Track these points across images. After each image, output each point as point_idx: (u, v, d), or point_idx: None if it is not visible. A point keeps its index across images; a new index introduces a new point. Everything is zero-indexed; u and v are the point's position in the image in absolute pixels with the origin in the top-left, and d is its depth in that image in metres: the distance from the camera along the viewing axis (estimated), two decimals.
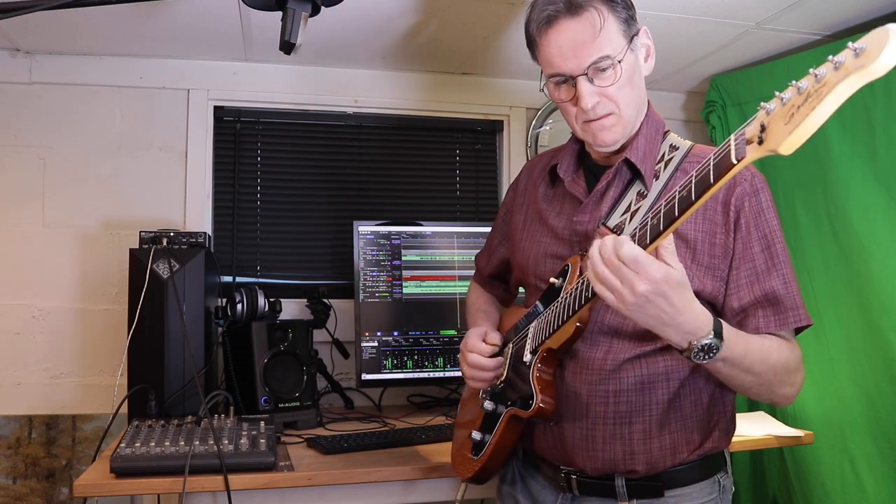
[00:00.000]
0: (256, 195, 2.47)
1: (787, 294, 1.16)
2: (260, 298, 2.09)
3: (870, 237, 1.96)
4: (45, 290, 2.24)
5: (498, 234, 1.57)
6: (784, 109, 0.77)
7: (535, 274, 1.34)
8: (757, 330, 1.15)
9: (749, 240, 1.17)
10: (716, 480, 1.26)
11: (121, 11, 1.92)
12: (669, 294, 0.96)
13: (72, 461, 2.22)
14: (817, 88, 0.73)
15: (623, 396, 1.20)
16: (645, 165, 1.22)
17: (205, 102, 2.37)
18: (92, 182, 2.29)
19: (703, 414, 1.23)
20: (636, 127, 1.26)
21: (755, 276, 1.16)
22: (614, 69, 1.18)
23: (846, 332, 2.03)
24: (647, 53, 1.27)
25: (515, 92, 2.58)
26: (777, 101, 0.78)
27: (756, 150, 0.80)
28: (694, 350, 1.00)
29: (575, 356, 1.23)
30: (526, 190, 1.48)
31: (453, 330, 2.25)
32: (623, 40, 1.19)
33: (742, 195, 1.18)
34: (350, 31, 2.14)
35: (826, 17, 2.03)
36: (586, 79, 1.19)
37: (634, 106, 1.24)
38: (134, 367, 1.87)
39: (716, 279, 1.18)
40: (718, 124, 2.45)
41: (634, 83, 1.23)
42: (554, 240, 1.32)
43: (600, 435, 1.21)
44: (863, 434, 1.99)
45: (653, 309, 0.97)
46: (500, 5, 1.95)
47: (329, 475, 1.58)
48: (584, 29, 1.18)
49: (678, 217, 0.92)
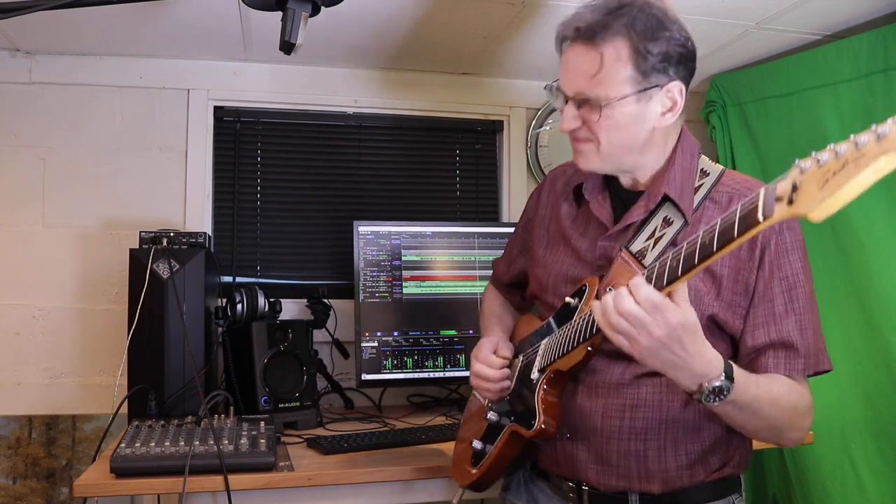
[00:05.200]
0: (256, 195, 2.47)
1: (801, 340, 1.14)
2: (260, 298, 2.09)
3: (870, 237, 1.96)
4: (45, 290, 2.24)
5: (518, 243, 1.54)
6: (819, 172, 0.72)
7: (554, 293, 1.32)
8: (767, 371, 1.14)
9: (770, 280, 1.15)
10: (731, 502, 1.24)
11: (121, 11, 1.92)
12: (684, 339, 0.96)
13: (72, 461, 2.22)
14: (856, 157, 0.68)
15: (640, 412, 1.18)
16: (683, 200, 1.18)
17: (205, 102, 2.37)
18: (92, 182, 2.29)
19: (721, 439, 1.21)
20: (646, 163, 1.22)
21: (771, 318, 1.15)
22: (600, 111, 1.14)
23: (846, 332, 2.03)
24: (671, 108, 1.19)
25: (515, 92, 2.58)
26: (813, 162, 0.74)
27: (785, 211, 0.77)
28: (705, 393, 1.01)
29: (591, 369, 1.21)
30: (549, 203, 1.44)
31: (453, 330, 2.25)
32: (627, 89, 1.14)
33: (770, 233, 1.15)
34: (350, 32, 2.14)
35: (826, 17, 2.03)
36: (574, 103, 1.17)
37: (622, 148, 1.19)
38: (134, 367, 1.87)
39: (737, 316, 1.17)
40: (718, 124, 2.45)
41: (629, 130, 1.17)
42: (576, 261, 1.30)
43: (615, 451, 1.19)
44: (863, 434, 1.99)
45: (667, 353, 0.97)
46: (500, 5, 1.95)
47: (329, 475, 1.58)
48: (586, 60, 1.15)
49: (697, 265, 0.91)
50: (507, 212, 2.60)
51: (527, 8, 1.96)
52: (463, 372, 2.23)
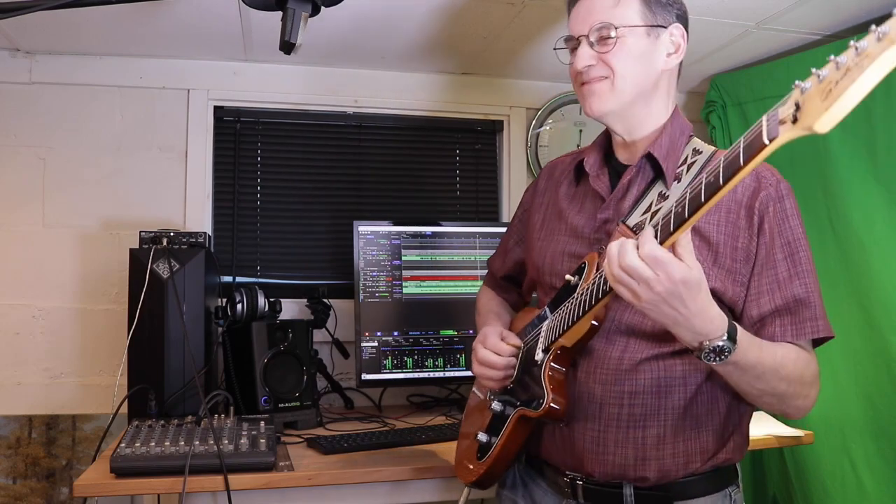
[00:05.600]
0: (256, 195, 2.47)
1: (807, 303, 1.13)
2: (260, 298, 2.09)
3: (870, 237, 1.96)
4: (45, 290, 2.24)
5: (514, 234, 1.54)
6: (821, 86, 0.71)
7: (552, 272, 1.31)
8: (773, 339, 1.13)
9: (772, 246, 1.14)
10: (727, 494, 1.23)
11: (121, 11, 1.92)
12: (686, 296, 0.95)
13: (72, 461, 2.22)
14: (857, 62, 0.67)
15: (638, 398, 1.17)
16: (667, 163, 1.21)
17: (205, 102, 2.37)
18: (92, 182, 2.29)
19: (719, 423, 1.20)
20: (646, 117, 1.26)
21: (776, 284, 1.14)
22: (616, 39, 1.19)
23: (846, 332, 2.03)
24: (675, 50, 1.26)
25: (515, 92, 2.58)
26: (813, 79, 0.72)
27: (790, 130, 0.75)
28: (705, 350, 1.00)
29: (590, 354, 1.20)
30: (546, 190, 1.45)
31: (453, 330, 2.25)
32: (638, 20, 1.20)
33: (766, 199, 1.15)
34: (350, 31, 2.14)
35: (826, 17, 2.03)
36: (587, 41, 1.21)
37: (634, 81, 1.22)
38: (134, 367, 1.87)
39: (736, 284, 1.15)
40: (718, 124, 2.45)
41: (641, 62, 1.22)
42: (573, 238, 1.30)
43: (612, 437, 1.18)
44: (863, 434, 1.99)
45: (667, 308, 0.96)
46: (500, 5, 1.95)
47: (329, 475, 1.58)
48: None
49: (704, 203, 0.88)
50: (508, 212, 2.60)
51: (527, 8, 1.96)
52: (463, 372, 2.23)
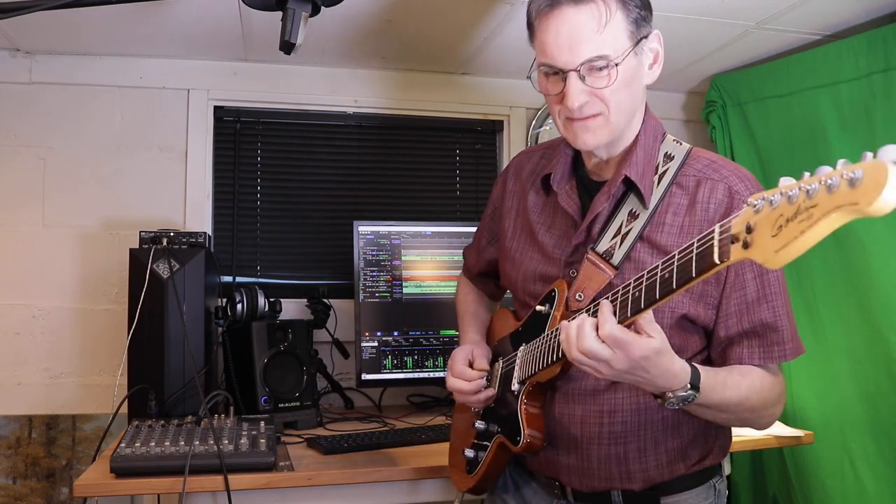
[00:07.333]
0: (256, 195, 2.47)
1: (775, 327, 1.12)
2: (260, 298, 2.09)
3: (870, 237, 1.96)
4: (45, 290, 2.24)
5: (486, 232, 1.52)
6: (772, 215, 0.71)
7: (524, 290, 1.31)
8: (741, 360, 1.13)
9: (741, 267, 1.12)
10: (711, 485, 1.25)
11: (121, 11, 1.92)
12: (647, 365, 0.97)
13: (72, 461, 2.22)
14: (807, 207, 0.67)
15: (618, 416, 1.18)
16: (644, 182, 1.15)
17: (205, 102, 2.37)
18: (92, 182, 2.29)
19: (700, 433, 1.21)
20: (626, 134, 1.19)
21: (745, 306, 1.13)
22: (610, 71, 1.09)
23: (846, 332, 2.03)
24: (654, 60, 1.17)
25: (515, 92, 2.58)
26: (766, 204, 0.73)
27: (740, 254, 0.77)
28: (669, 399, 1.03)
29: (567, 376, 1.20)
30: (514, 193, 1.40)
31: (453, 330, 2.25)
32: (627, 42, 1.10)
33: None
34: (350, 31, 2.14)
35: (826, 17, 2.03)
36: (577, 76, 1.09)
37: (627, 111, 1.15)
38: (134, 367, 1.87)
39: (708, 307, 1.14)
40: (718, 124, 2.45)
41: (632, 88, 1.14)
42: (544, 258, 1.27)
43: (595, 455, 1.19)
44: (863, 434, 1.99)
45: (630, 377, 1.00)
46: (500, 5, 1.95)
47: (329, 475, 1.58)
48: (585, 21, 1.08)
49: (658, 300, 0.91)
50: None
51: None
52: None
